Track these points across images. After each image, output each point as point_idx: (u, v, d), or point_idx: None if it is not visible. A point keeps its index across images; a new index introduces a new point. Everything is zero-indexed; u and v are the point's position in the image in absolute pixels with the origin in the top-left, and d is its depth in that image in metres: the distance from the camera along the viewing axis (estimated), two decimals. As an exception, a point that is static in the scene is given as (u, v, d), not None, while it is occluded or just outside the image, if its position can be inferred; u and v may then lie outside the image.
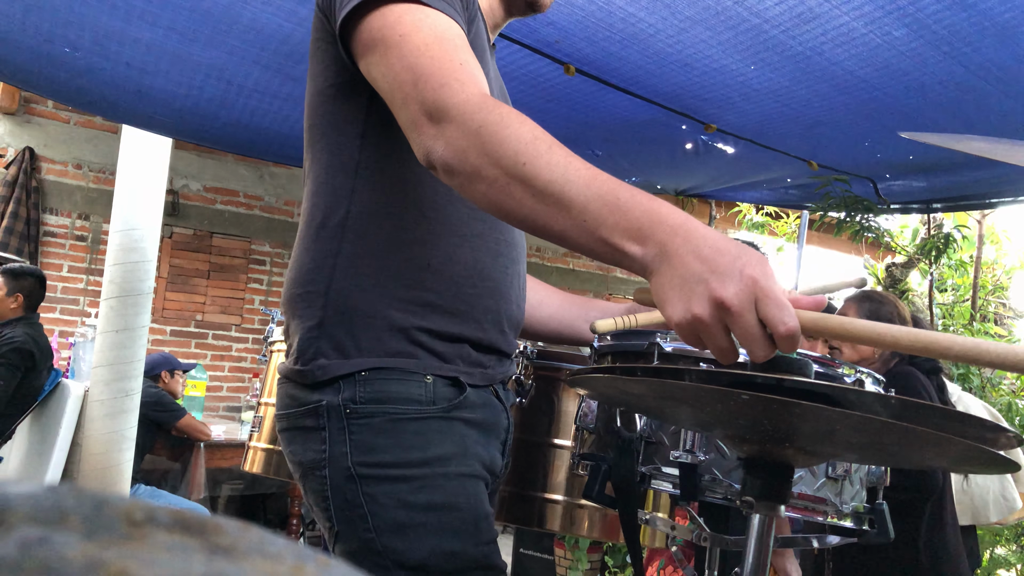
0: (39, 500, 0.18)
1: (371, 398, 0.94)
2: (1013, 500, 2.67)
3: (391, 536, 0.92)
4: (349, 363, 0.95)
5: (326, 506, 0.95)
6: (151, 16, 2.36)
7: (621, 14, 2.16)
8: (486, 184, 0.77)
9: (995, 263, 5.94)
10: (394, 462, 0.93)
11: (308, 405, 0.96)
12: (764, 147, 3.03)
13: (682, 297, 0.67)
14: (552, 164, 0.75)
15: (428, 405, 0.96)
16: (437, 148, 0.80)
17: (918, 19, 1.97)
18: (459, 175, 0.79)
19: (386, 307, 0.96)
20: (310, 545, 1.02)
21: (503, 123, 0.77)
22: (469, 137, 0.78)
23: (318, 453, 0.94)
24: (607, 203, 0.71)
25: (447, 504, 0.94)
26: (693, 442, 1.14)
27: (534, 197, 0.74)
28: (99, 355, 3.71)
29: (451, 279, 0.99)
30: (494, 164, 0.76)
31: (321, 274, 0.97)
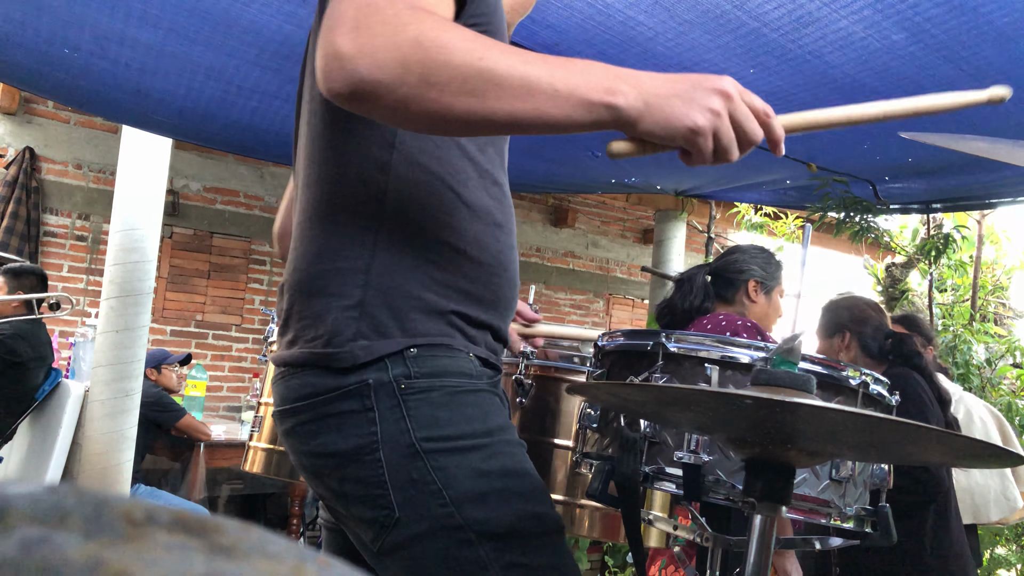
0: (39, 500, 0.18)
1: (425, 372, 0.89)
2: (1015, 499, 2.67)
3: (472, 507, 0.86)
4: (394, 342, 0.89)
5: (382, 492, 0.87)
6: (151, 17, 2.36)
7: (620, 17, 2.16)
8: (438, 89, 0.70)
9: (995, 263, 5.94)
10: (460, 434, 0.88)
11: (345, 388, 0.88)
12: (764, 149, 3.02)
13: (689, 107, 0.75)
14: (500, 51, 0.73)
15: (478, 379, 0.93)
16: (360, 67, 0.70)
17: (917, 23, 1.97)
18: (398, 88, 0.70)
19: (425, 289, 0.91)
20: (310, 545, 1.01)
21: (442, 25, 0.72)
22: (405, 46, 0.70)
23: (365, 437, 0.87)
24: (569, 70, 0.74)
25: (519, 470, 0.91)
26: (697, 443, 1.14)
27: (497, 87, 0.71)
28: (99, 355, 3.71)
29: (482, 266, 0.95)
30: (444, 65, 0.70)
31: (359, 250, 0.90)
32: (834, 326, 2.42)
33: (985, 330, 4.40)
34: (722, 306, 2.31)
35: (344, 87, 0.71)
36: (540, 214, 7.11)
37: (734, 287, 2.30)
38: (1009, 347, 4.39)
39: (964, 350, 4.02)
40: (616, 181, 4.02)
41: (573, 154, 3.45)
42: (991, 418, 2.72)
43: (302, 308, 0.93)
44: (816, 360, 1.24)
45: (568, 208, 7.14)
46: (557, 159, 3.57)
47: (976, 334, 4.20)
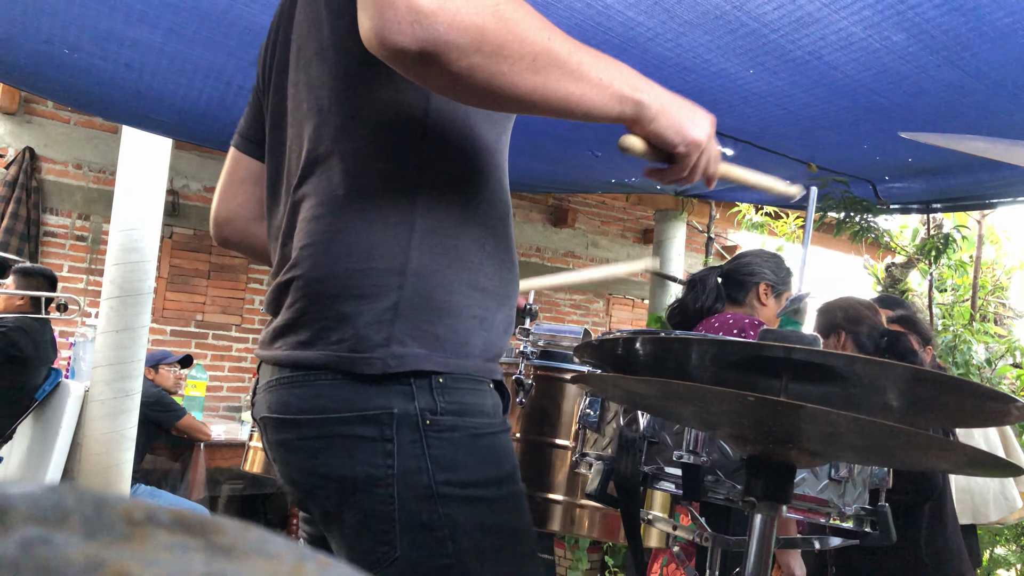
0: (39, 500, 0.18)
1: (451, 409, 0.84)
2: (1014, 499, 2.67)
3: (473, 562, 0.83)
4: (427, 357, 0.83)
5: (387, 528, 0.82)
6: (151, 18, 2.36)
7: (620, 18, 2.16)
8: (508, 63, 0.71)
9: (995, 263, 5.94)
10: (474, 481, 0.84)
11: (366, 411, 0.82)
12: (763, 149, 3.03)
13: (696, 123, 0.86)
14: (561, 34, 0.76)
15: (495, 418, 0.88)
16: (438, 26, 0.67)
17: (916, 24, 1.97)
18: (472, 55, 0.69)
19: (455, 292, 0.85)
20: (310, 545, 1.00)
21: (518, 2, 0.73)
22: (486, 13, 0.69)
23: (379, 469, 0.81)
24: (608, 64, 0.79)
25: (520, 528, 0.88)
26: (696, 442, 1.14)
27: (559, 68, 0.74)
28: (99, 355, 3.71)
29: (500, 263, 0.91)
30: (519, 40, 0.71)
31: (393, 248, 0.83)
32: (829, 326, 2.43)
33: (985, 330, 4.40)
34: (731, 307, 2.34)
35: (414, 44, 0.68)
36: (540, 214, 7.11)
37: (745, 289, 2.34)
38: (1009, 347, 4.39)
39: (964, 350, 4.02)
40: (616, 181, 4.02)
41: (573, 154, 3.45)
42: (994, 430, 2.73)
43: (323, 308, 0.84)
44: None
45: (568, 208, 7.14)
46: (557, 159, 3.57)
47: (976, 334, 4.20)
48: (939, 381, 0.79)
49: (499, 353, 0.93)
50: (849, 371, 0.80)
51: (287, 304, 0.88)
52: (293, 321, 0.87)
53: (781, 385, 0.83)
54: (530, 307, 1.91)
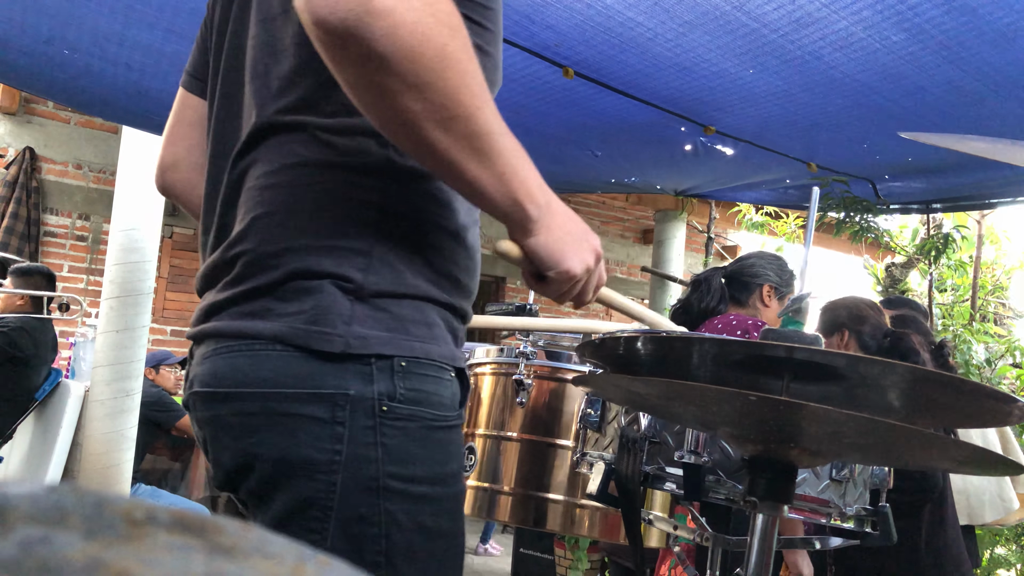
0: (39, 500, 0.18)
1: (409, 397, 0.78)
2: (1010, 501, 2.67)
3: (401, 563, 0.79)
4: (391, 340, 0.77)
5: (321, 517, 0.77)
6: (150, 18, 2.36)
7: (620, 18, 2.16)
8: (423, 104, 0.65)
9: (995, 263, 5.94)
10: (422, 477, 0.80)
11: (318, 390, 0.76)
12: (763, 149, 3.03)
13: (577, 253, 0.82)
14: (493, 111, 0.70)
15: (451, 411, 0.84)
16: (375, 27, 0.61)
17: (916, 24, 1.97)
18: (390, 76, 0.63)
19: (424, 278, 0.81)
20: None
21: (467, 49, 0.66)
22: (431, 45, 0.63)
23: (324, 453, 0.76)
24: (521, 161, 0.74)
25: (453, 531, 0.84)
26: (697, 442, 1.14)
27: (468, 138, 0.69)
28: (99, 355, 3.71)
29: (466, 249, 0.87)
30: (446, 90, 0.65)
31: (360, 228, 0.78)
32: (832, 325, 2.44)
33: (985, 330, 4.40)
34: (735, 308, 2.35)
35: (340, 28, 0.61)
36: (540, 214, 7.11)
37: (748, 290, 2.35)
38: (1009, 347, 4.39)
39: (964, 350, 4.02)
40: (616, 181, 4.03)
41: (573, 154, 3.45)
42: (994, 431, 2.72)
43: (277, 283, 0.78)
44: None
45: (568, 208, 7.14)
46: (557, 159, 3.58)
47: (976, 334, 4.20)
48: (940, 381, 0.79)
49: (462, 339, 0.89)
50: (851, 371, 0.80)
51: (231, 278, 0.81)
52: (240, 295, 0.79)
53: (782, 385, 0.83)
54: (530, 307, 1.91)
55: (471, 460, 1.81)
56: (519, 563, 4.16)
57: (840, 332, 2.40)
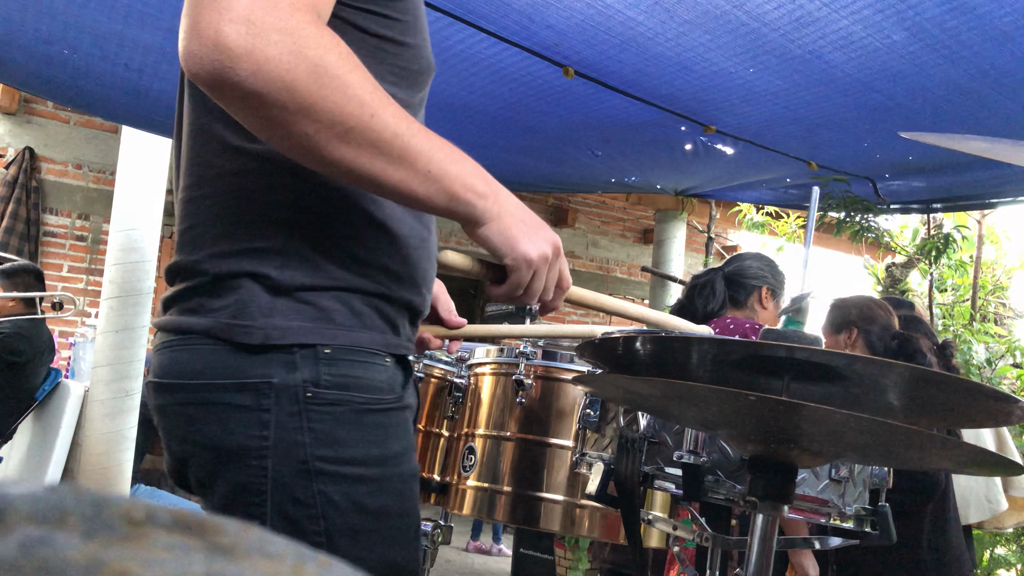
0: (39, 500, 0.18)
1: (335, 383, 0.81)
2: (997, 502, 2.66)
3: (343, 542, 0.81)
4: (311, 330, 0.80)
5: (258, 502, 0.80)
6: (150, 18, 2.36)
7: (620, 18, 2.16)
8: (316, 127, 0.68)
9: (995, 263, 5.94)
10: (355, 458, 0.82)
11: (243, 379, 0.79)
12: (764, 148, 3.03)
13: (532, 239, 0.82)
14: (394, 112, 0.71)
15: (388, 394, 0.85)
16: (240, 69, 0.64)
17: (917, 23, 1.97)
18: (273, 108, 0.66)
19: (348, 270, 0.83)
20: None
21: (346, 61, 0.68)
22: (300, 70, 0.65)
23: (253, 440, 0.79)
24: (445, 154, 0.75)
25: (399, 510, 0.86)
26: (697, 443, 1.14)
27: (374, 145, 0.70)
28: (99, 355, 3.71)
29: (400, 238, 0.87)
30: (332, 106, 0.67)
31: (273, 228, 0.81)
32: (841, 323, 2.44)
33: (985, 330, 4.40)
34: (732, 310, 2.34)
35: (211, 79, 0.66)
36: (540, 214, 7.08)
37: (746, 291, 2.36)
38: (1009, 347, 4.39)
39: (964, 350, 4.02)
40: (616, 180, 4.03)
41: (573, 154, 3.45)
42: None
43: (207, 282, 0.83)
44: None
45: (568, 208, 7.14)
46: (557, 159, 3.57)
47: (976, 334, 4.20)
48: (938, 381, 0.79)
49: (404, 327, 0.90)
50: (850, 371, 0.80)
51: (178, 280, 0.87)
52: (180, 293, 0.85)
53: (782, 385, 0.83)
54: (530, 308, 1.91)
55: (471, 460, 1.81)
56: (519, 563, 4.16)
57: (848, 330, 2.41)
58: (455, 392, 1.98)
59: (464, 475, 1.82)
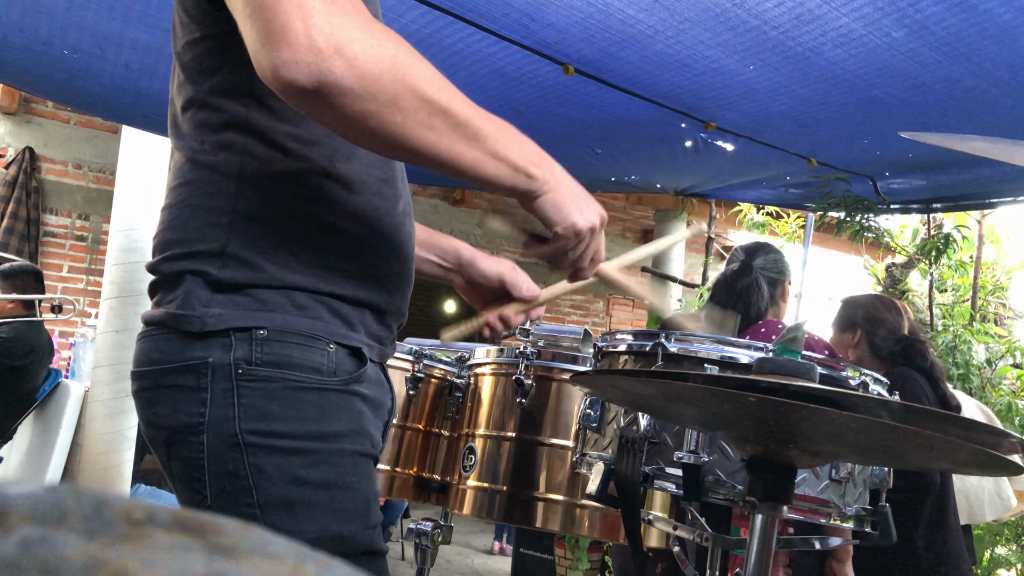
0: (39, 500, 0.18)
1: (268, 360, 0.85)
2: (1008, 499, 2.67)
3: (278, 513, 0.85)
4: (247, 315, 0.86)
5: (199, 476, 0.85)
6: (149, 18, 2.36)
7: (620, 16, 2.16)
8: (403, 115, 0.73)
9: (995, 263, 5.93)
10: (288, 432, 0.85)
11: (187, 361, 0.86)
12: (764, 144, 3.03)
13: (582, 209, 0.89)
14: (462, 98, 0.78)
15: (329, 376, 0.88)
16: (335, 68, 0.69)
17: (917, 20, 1.97)
18: (366, 101, 0.71)
19: (290, 272, 0.87)
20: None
21: (415, 54, 0.75)
22: (384, 63, 0.71)
23: (194, 416, 0.85)
24: (507, 133, 0.82)
25: (341, 483, 0.88)
26: (697, 443, 1.14)
27: (453, 129, 0.76)
28: (99, 355, 3.71)
29: (357, 240, 0.91)
30: (415, 95, 0.73)
31: (215, 232, 0.87)
32: (847, 323, 2.44)
33: (985, 330, 4.40)
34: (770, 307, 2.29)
35: (310, 82, 0.69)
36: (540, 214, 7.10)
37: (778, 286, 2.28)
38: (1009, 347, 4.39)
39: (964, 350, 4.02)
40: (616, 179, 4.03)
41: (573, 152, 3.45)
42: (982, 416, 2.72)
43: (164, 278, 0.91)
44: (816, 360, 1.24)
45: (568, 208, 7.13)
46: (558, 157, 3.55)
47: (976, 334, 4.19)
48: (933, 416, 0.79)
49: (359, 322, 0.92)
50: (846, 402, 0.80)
51: (150, 272, 0.95)
52: (151, 286, 0.95)
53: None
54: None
55: (471, 460, 1.81)
56: (519, 563, 4.16)
57: (853, 330, 2.41)
58: (455, 392, 1.98)
59: (464, 475, 1.82)
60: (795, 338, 0.91)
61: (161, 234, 0.93)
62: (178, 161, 0.94)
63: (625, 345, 1.36)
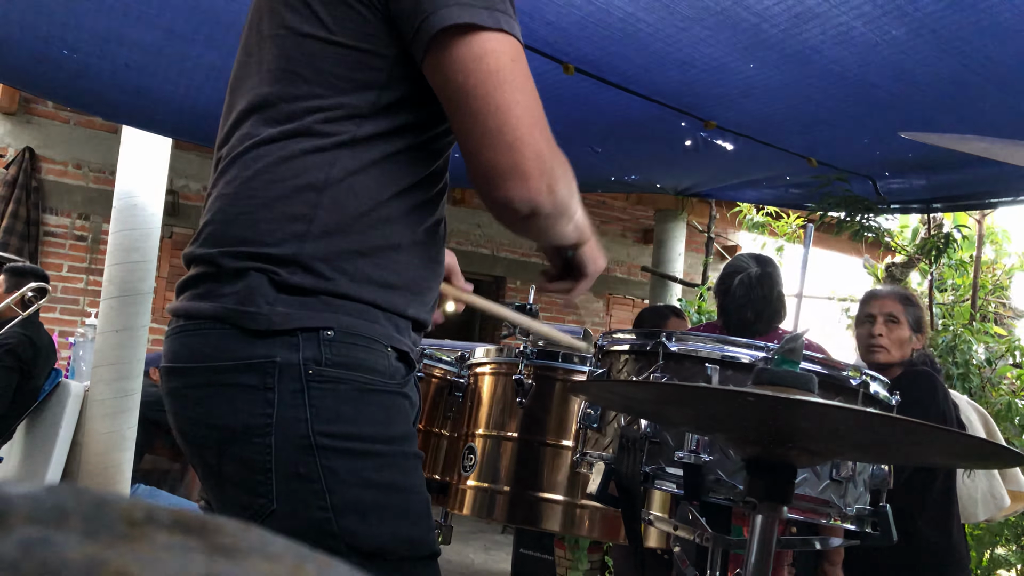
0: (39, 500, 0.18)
1: (338, 361, 0.84)
2: (1001, 498, 2.67)
3: (351, 517, 0.83)
4: (316, 315, 0.84)
5: (263, 479, 0.82)
6: (149, 17, 2.36)
7: (620, 14, 2.16)
8: (560, 222, 0.91)
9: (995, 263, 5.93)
10: (359, 435, 0.84)
11: (251, 360, 0.83)
12: (764, 143, 3.03)
13: (601, 256, 1.04)
14: (576, 193, 0.93)
15: (389, 379, 0.88)
16: (546, 203, 0.86)
17: (917, 18, 1.97)
18: (551, 219, 0.89)
19: (354, 283, 0.87)
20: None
21: (569, 173, 0.90)
22: (569, 191, 0.89)
23: (259, 417, 0.82)
24: (578, 203, 0.95)
25: (407, 485, 0.88)
26: (697, 443, 1.14)
27: (569, 220, 0.93)
28: (99, 355, 3.71)
29: (416, 263, 0.93)
30: (571, 207, 0.91)
31: (287, 234, 0.86)
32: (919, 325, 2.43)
33: (985, 330, 4.40)
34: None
35: (526, 211, 0.85)
36: (540, 214, 7.10)
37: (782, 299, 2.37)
38: (1009, 347, 4.39)
39: (964, 350, 4.02)
40: (616, 179, 4.03)
41: (573, 151, 3.44)
42: (976, 416, 2.72)
43: (220, 267, 0.87)
44: (816, 360, 1.24)
45: (568, 208, 7.13)
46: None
47: (976, 334, 4.19)
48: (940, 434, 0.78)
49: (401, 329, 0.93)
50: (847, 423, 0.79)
51: (192, 266, 0.91)
52: (195, 276, 0.90)
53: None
54: (530, 307, 1.91)
55: (471, 460, 1.81)
56: (519, 563, 4.16)
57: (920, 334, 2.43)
58: (455, 392, 1.98)
59: (464, 475, 1.82)
60: (794, 348, 0.90)
61: (222, 226, 0.88)
62: (246, 149, 0.90)
63: (626, 345, 1.36)
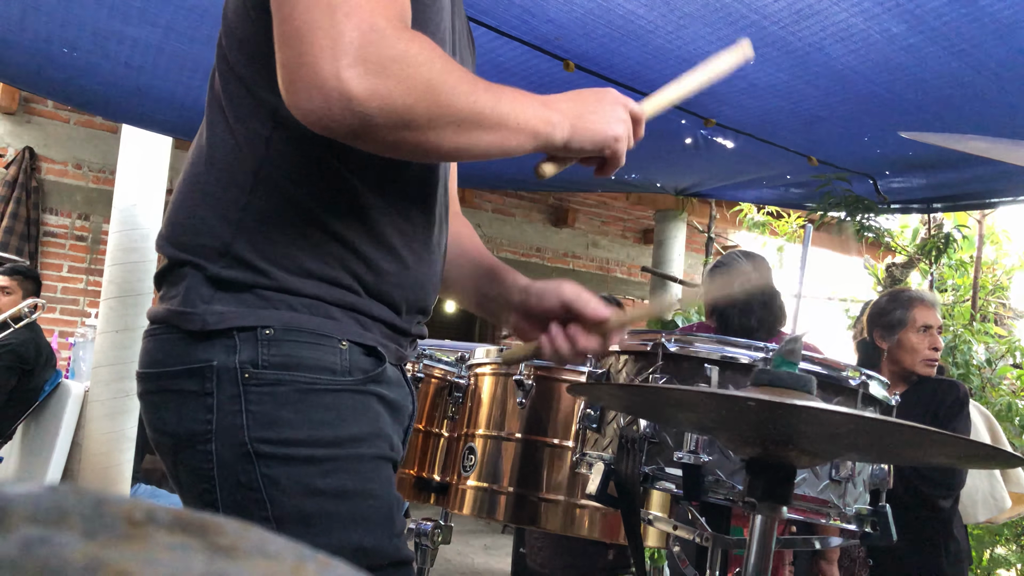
0: (39, 500, 0.18)
1: (276, 362, 0.80)
2: (1002, 500, 2.67)
3: (294, 527, 0.79)
4: (253, 313, 0.80)
5: (209, 487, 0.80)
6: (149, 16, 2.36)
7: (620, 11, 2.16)
8: (436, 132, 0.74)
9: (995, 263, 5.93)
10: (301, 440, 0.80)
11: (190, 365, 0.80)
12: (764, 142, 3.03)
13: (607, 120, 0.86)
14: (484, 88, 0.78)
15: (343, 376, 0.82)
16: (370, 111, 0.69)
17: (917, 15, 1.97)
18: (401, 131, 0.72)
19: (294, 276, 0.82)
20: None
21: (445, 63, 0.74)
22: (418, 91, 0.71)
23: (201, 424, 0.80)
24: (521, 103, 0.81)
25: (360, 491, 0.82)
26: (697, 443, 1.14)
27: (480, 126, 0.77)
28: (99, 355, 3.71)
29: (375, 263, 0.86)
30: (448, 111, 0.74)
31: (222, 227, 0.82)
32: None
33: (985, 330, 4.40)
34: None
35: (348, 129, 0.70)
36: (540, 214, 7.10)
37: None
38: (1009, 347, 4.39)
39: (964, 350, 4.02)
40: (616, 179, 4.02)
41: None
42: (980, 418, 2.72)
43: (167, 270, 0.86)
44: (816, 360, 1.24)
45: (568, 208, 7.14)
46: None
47: (976, 334, 4.19)
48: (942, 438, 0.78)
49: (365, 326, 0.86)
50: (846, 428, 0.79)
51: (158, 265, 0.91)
52: (155, 282, 0.90)
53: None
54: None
55: (471, 460, 1.81)
56: (519, 563, 4.15)
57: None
58: (455, 392, 1.98)
59: (464, 475, 1.82)
60: (793, 350, 0.90)
61: (169, 213, 0.88)
62: (201, 133, 0.88)
63: (626, 345, 1.36)
